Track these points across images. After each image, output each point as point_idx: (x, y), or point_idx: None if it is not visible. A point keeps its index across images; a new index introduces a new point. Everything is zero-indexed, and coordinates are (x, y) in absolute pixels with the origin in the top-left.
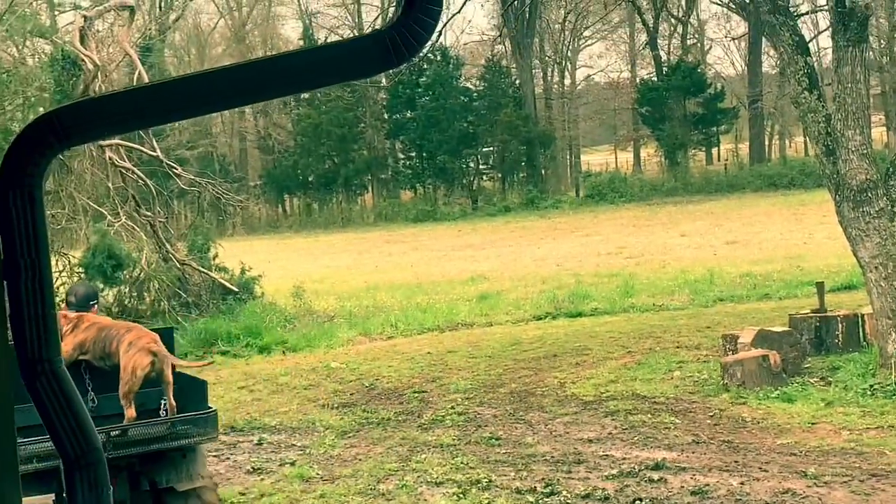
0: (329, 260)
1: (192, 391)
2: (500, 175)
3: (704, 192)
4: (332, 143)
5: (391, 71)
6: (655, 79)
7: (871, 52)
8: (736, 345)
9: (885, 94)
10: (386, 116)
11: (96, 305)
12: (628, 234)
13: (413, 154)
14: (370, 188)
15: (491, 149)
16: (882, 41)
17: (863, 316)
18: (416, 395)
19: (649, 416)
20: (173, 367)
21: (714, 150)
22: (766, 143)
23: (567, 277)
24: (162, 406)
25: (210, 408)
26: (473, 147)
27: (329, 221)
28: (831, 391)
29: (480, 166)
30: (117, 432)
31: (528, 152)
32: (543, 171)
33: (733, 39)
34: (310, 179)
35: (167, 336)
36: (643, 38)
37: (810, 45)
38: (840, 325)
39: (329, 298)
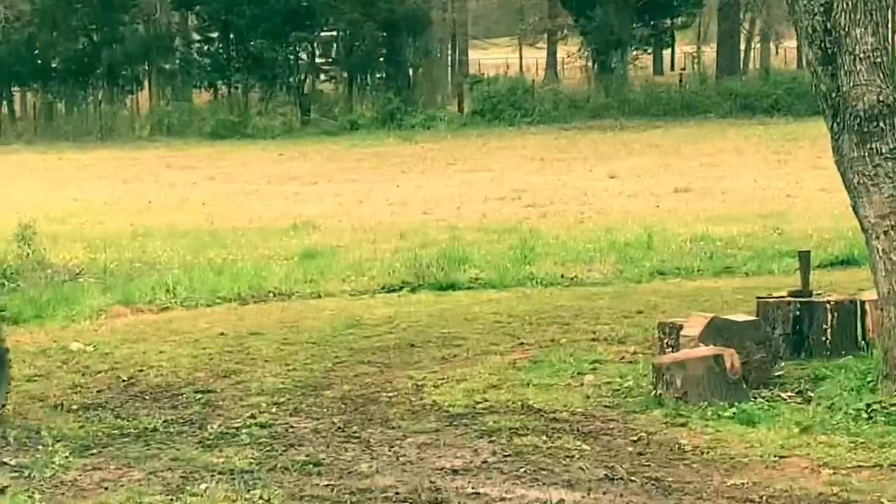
0: (77, 189)
1: None
2: (345, 75)
3: (648, 114)
4: (90, 11)
5: None
6: None
7: None
8: (678, 339)
9: None
10: None
11: None
12: (532, 171)
13: (214, 35)
14: (147, 84)
15: (333, 33)
16: None
17: (862, 304)
18: (200, 395)
19: (544, 438)
20: None
21: (666, 54)
22: (742, 47)
23: (437, 231)
24: None
25: None
26: (307, 29)
27: (81, 131)
28: (811, 411)
29: (317, 59)
30: None
31: (390, 42)
32: (411, 73)
33: None
34: (53, 66)
35: None
36: None
37: None
38: (830, 316)
39: (74, 247)
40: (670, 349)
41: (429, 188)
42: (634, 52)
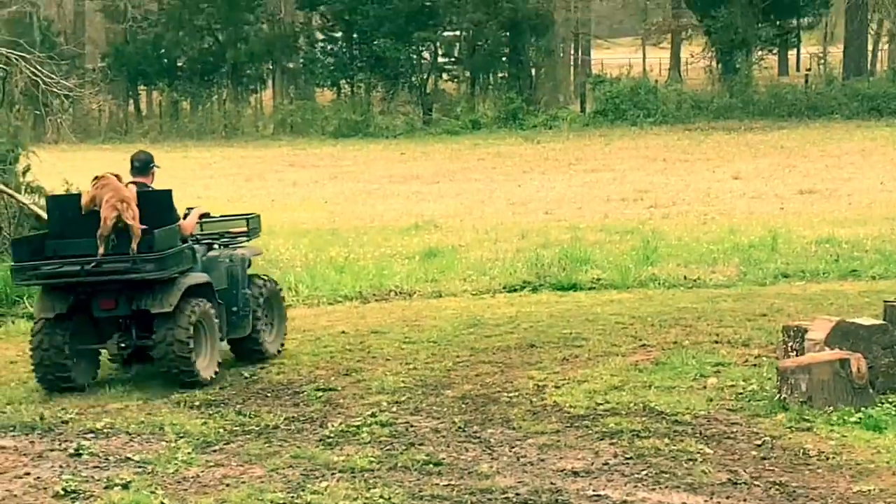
0: (202, 187)
1: (171, 240)
2: (468, 74)
3: (773, 115)
4: (216, 11)
5: None
6: None
7: None
8: (802, 342)
9: None
10: None
11: (154, 169)
12: (655, 171)
13: (338, 35)
14: (271, 82)
15: (456, 33)
16: None
17: None
18: (321, 393)
19: (666, 440)
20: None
21: (791, 55)
22: (870, 47)
23: (559, 231)
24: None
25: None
26: (430, 29)
27: (205, 129)
28: None
29: (439, 59)
30: (93, 264)
31: (513, 41)
32: (533, 72)
33: None
34: (179, 65)
35: None
36: None
37: None
38: None
39: None
40: (795, 353)
41: (550, 188)
42: (759, 53)
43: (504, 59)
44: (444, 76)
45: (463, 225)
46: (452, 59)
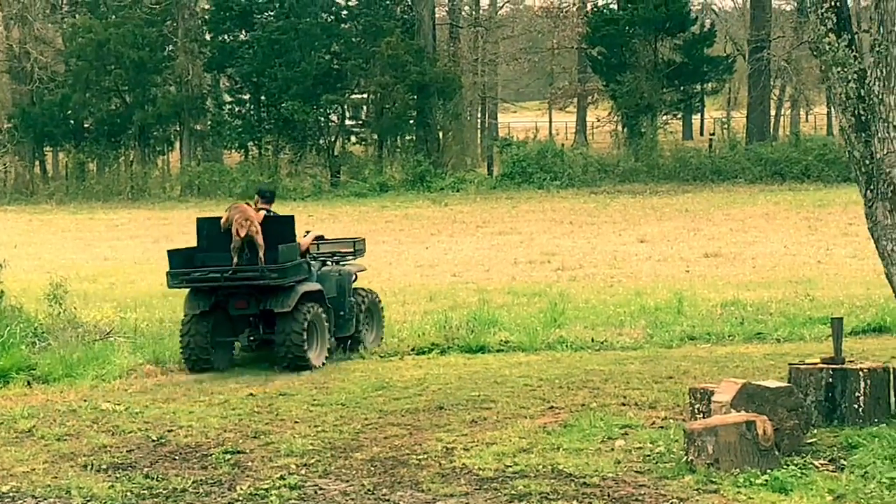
0: (108, 248)
1: (292, 255)
2: (375, 137)
3: (678, 178)
4: (124, 73)
5: None
6: (615, 6)
7: None
8: (709, 405)
9: None
10: (208, 37)
11: (260, 201)
12: (562, 234)
13: (246, 97)
14: (178, 144)
15: (363, 96)
16: None
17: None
18: (229, 456)
19: (575, 503)
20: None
21: (695, 119)
22: (773, 112)
23: (467, 294)
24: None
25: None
26: (338, 92)
27: (112, 190)
28: (844, 479)
29: (347, 121)
30: (228, 272)
31: (421, 105)
32: (441, 135)
33: None
34: (86, 126)
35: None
36: None
37: None
38: (863, 384)
39: (105, 306)
40: (702, 415)
41: (458, 250)
42: (664, 117)
43: (411, 121)
44: (352, 139)
45: (371, 287)
46: (360, 122)
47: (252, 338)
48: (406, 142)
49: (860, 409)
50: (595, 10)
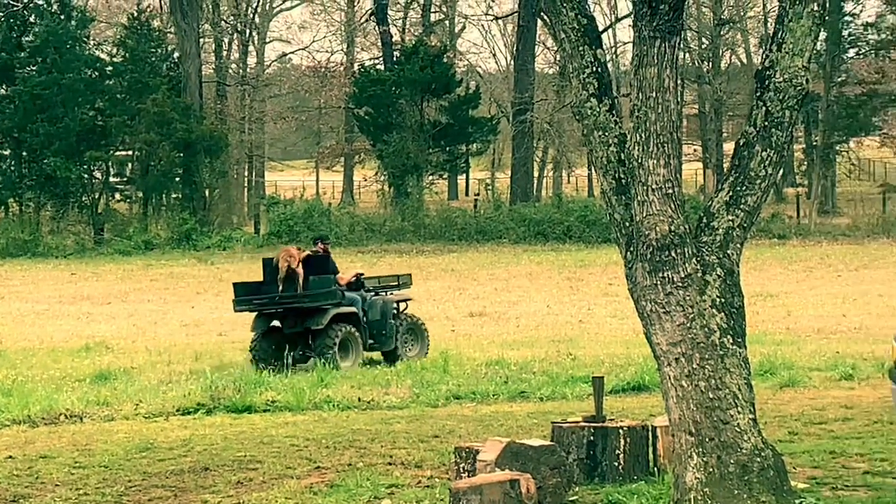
0: None
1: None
2: (140, 194)
3: (443, 238)
4: None
5: None
6: (381, 67)
7: (687, 54)
8: (474, 463)
9: (703, 116)
10: None
11: (320, 243)
12: None
13: (7, 152)
14: None
15: (129, 153)
16: (703, 40)
17: (654, 429)
18: None
19: None
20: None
21: (461, 180)
22: (536, 173)
23: (233, 353)
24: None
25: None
26: (102, 149)
27: None
28: None
29: (111, 178)
30: (276, 297)
31: (186, 162)
32: (207, 193)
33: (496, 19)
34: None
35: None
36: (367, 3)
37: (604, 36)
38: (623, 442)
39: None
40: (467, 474)
41: (224, 309)
42: (430, 177)
43: (178, 179)
44: (117, 196)
45: (135, 346)
46: (125, 179)
47: (301, 351)
48: (172, 199)
49: (620, 467)
50: (362, 70)
